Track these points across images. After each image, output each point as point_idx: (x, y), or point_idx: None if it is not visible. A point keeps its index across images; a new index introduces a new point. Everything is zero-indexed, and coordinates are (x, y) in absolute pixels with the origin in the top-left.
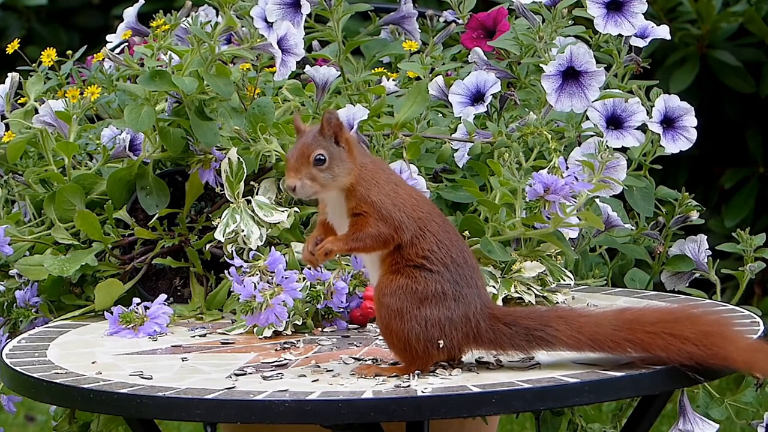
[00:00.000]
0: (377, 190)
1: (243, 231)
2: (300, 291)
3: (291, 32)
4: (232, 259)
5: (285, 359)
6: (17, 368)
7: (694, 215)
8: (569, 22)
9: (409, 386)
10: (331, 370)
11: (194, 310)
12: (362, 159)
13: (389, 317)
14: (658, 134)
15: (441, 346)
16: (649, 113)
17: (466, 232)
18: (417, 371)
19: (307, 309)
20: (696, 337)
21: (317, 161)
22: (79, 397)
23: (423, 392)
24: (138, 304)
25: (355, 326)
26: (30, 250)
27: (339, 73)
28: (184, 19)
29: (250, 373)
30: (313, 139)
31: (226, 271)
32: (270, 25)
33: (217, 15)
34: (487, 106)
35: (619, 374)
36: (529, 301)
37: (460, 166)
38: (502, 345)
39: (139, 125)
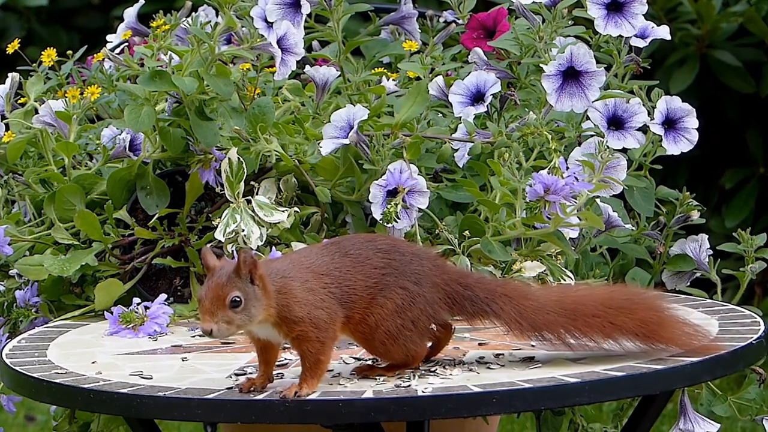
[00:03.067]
0: (297, 303)
1: (243, 231)
2: None
3: (291, 32)
4: (233, 259)
5: (285, 359)
6: (17, 368)
7: (695, 215)
8: (569, 22)
9: (409, 386)
10: (331, 370)
11: (194, 310)
12: (272, 277)
13: (385, 345)
14: (660, 135)
15: (434, 329)
16: (650, 114)
17: (466, 232)
18: (417, 366)
19: None
20: (636, 326)
21: (233, 304)
22: (79, 397)
23: (423, 392)
24: (138, 304)
25: None
26: (30, 250)
27: (339, 73)
28: (184, 19)
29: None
30: (228, 280)
31: None
32: (270, 25)
33: (217, 15)
34: (487, 106)
35: (619, 374)
36: None
37: (460, 166)
38: (463, 303)
39: (139, 125)
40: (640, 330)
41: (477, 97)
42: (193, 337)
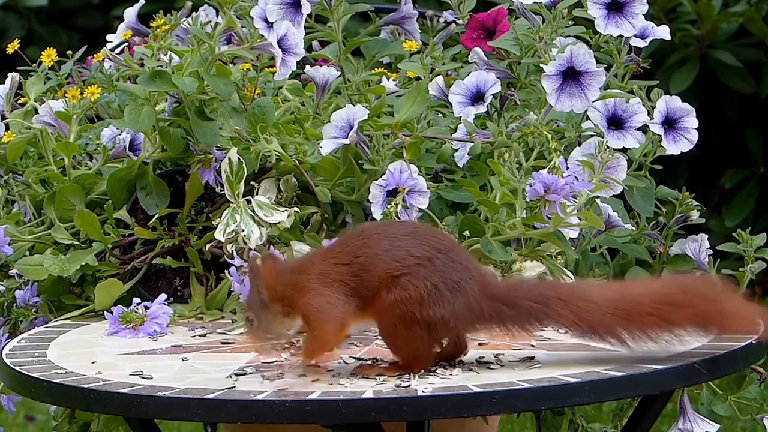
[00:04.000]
0: (306, 296)
1: (243, 231)
2: None
3: (291, 32)
4: (233, 258)
5: (286, 359)
6: (17, 368)
7: (695, 215)
8: (569, 22)
9: (409, 386)
10: (332, 370)
11: (194, 310)
12: (286, 275)
13: (396, 329)
14: (659, 135)
15: (445, 344)
16: (649, 114)
17: (467, 232)
18: (419, 371)
19: None
20: (695, 319)
21: (249, 324)
22: (79, 397)
23: (423, 392)
24: (138, 304)
25: None
26: (30, 250)
27: (339, 73)
28: (184, 19)
29: (250, 373)
30: (247, 298)
31: (226, 271)
32: (270, 25)
33: (217, 15)
34: (487, 106)
35: (619, 374)
36: None
37: (460, 166)
38: (505, 324)
39: (139, 125)
40: (700, 322)
41: (477, 97)
42: (193, 337)
